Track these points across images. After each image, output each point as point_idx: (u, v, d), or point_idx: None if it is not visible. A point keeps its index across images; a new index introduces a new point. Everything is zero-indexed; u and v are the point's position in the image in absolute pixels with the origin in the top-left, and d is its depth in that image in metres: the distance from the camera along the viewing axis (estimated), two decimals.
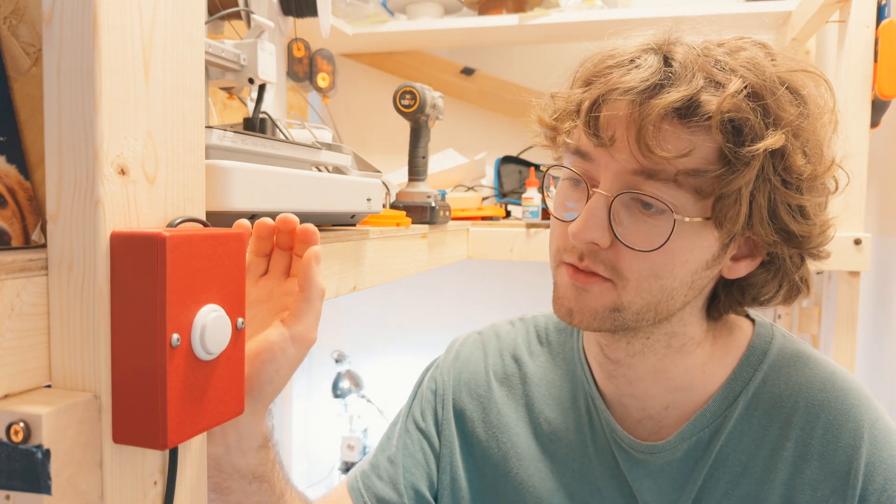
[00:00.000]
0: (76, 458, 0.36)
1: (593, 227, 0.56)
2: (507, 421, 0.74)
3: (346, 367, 2.17)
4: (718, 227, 0.56)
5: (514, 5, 1.84)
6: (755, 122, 0.53)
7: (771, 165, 0.54)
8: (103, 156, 0.36)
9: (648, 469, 0.66)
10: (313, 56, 1.74)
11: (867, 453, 0.61)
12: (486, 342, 0.80)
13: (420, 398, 0.79)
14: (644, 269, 0.57)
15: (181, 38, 0.42)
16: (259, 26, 0.70)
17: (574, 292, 0.59)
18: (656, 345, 0.64)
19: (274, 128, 0.76)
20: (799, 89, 0.56)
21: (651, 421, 0.68)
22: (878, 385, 1.73)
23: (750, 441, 0.64)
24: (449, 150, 1.84)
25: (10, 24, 0.43)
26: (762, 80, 0.54)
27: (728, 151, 0.53)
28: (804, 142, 0.55)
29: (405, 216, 1.06)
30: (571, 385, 0.73)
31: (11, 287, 0.35)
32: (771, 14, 1.67)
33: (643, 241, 0.56)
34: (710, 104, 0.52)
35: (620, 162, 0.56)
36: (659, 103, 0.52)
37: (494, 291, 2.09)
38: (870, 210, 1.70)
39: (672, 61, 0.55)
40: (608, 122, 0.56)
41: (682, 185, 0.54)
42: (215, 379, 0.42)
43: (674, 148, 0.53)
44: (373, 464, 0.76)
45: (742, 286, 0.64)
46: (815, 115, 0.56)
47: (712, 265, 0.59)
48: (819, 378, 0.64)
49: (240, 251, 0.43)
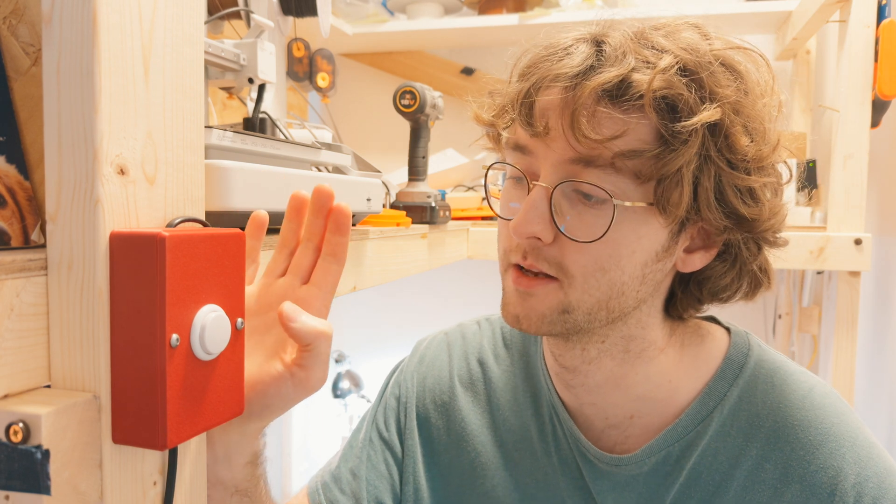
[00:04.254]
0: (76, 459, 0.36)
1: (534, 220, 0.54)
2: (471, 429, 0.72)
3: (346, 367, 2.17)
4: (663, 212, 0.53)
5: (514, 5, 1.84)
6: (689, 98, 0.51)
7: (713, 145, 0.52)
8: (103, 156, 0.36)
9: (613, 482, 0.64)
10: (313, 56, 1.74)
11: (853, 473, 0.58)
12: (452, 344, 0.78)
13: (384, 405, 0.77)
14: (589, 262, 0.54)
15: (181, 38, 0.42)
16: (259, 26, 0.70)
17: (519, 297, 0.58)
18: (613, 349, 0.61)
19: (274, 128, 0.76)
20: (735, 66, 0.54)
21: (615, 430, 0.65)
22: (878, 385, 1.73)
23: (725, 460, 0.61)
24: (449, 150, 1.83)
25: (10, 24, 0.43)
26: (696, 58, 0.52)
27: (664, 129, 0.51)
28: (746, 119, 0.53)
29: (405, 216, 1.06)
30: (534, 392, 0.70)
31: (11, 287, 0.35)
32: (771, 14, 1.67)
33: (586, 231, 0.54)
34: (641, 83, 0.51)
35: (557, 151, 0.54)
36: (589, 85, 0.51)
37: (494, 291, 2.08)
38: (870, 210, 1.70)
39: (604, 45, 0.54)
40: (542, 110, 0.55)
41: (620, 169, 0.52)
42: (215, 379, 0.42)
43: (608, 130, 0.52)
44: (335, 475, 0.73)
45: (699, 280, 0.61)
46: (755, 94, 0.54)
47: (663, 257, 0.57)
48: (797, 395, 0.62)
49: (239, 251, 0.43)
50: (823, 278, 1.76)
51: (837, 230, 1.34)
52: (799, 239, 1.32)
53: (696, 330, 0.66)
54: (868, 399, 1.75)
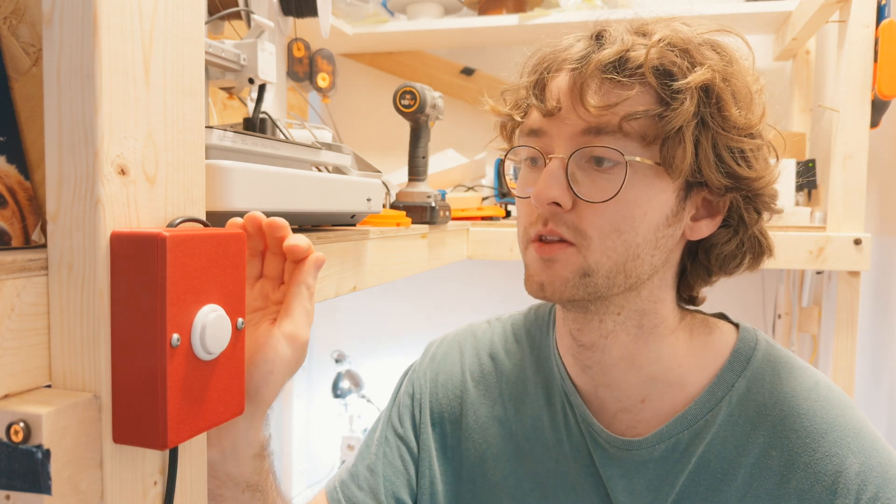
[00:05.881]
0: (76, 458, 0.36)
1: (553, 186, 0.59)
2: (482, 422, 0.74)
3: (346, 367, 2.17)
4: (669, 171, 0.58)
5: (514, 5, 1.84)
6: (682, 64, 0.58)
7: (707, 109, 0.58)
8: (103, 156, 0.36)
9: (623, 467, 0.66)
10: (313, 56, 1.74)
11: (858, 462, 0.60)
12: (463, 342, 0.81)
13: (398, 404, 0.79)
14: (605, 224, 0.59)
15: (181, 38, 0.42)
16: (259, 26, 0.70)
17: (542, 265, 0.61)
18: (627, 322, 0.64)
19: (274, 128, 0.76)
20: (719, 44, 0.61)
21: (627, 414, 0.67)
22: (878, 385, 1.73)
23: (732, 448, 0.64)
24: (449, 150, 1.84)
25: (10, 24, 0.43)
26: (684, 38, 0.59)
27: (662, 92, 0.58)
28: (734, 89, 0.59)
29: (405, 216, 1.06)
30: (546, 382, 0.73)
31: (11, 287, 0.35)
32: (771, 14, 1.68)
33: (601, 194, 0.59)
34: (639, 55, 0.58)
35: (569, 125, 0.60)
36: (593, 61, 0.59)
37: (494, 291, 2.09)
38: (870, 210, 1.70)
39: (603, 35, 0.61)
40: (553, 92, 0.61)
41: (628, 133, 0.58)
42: (215, 379, 0.42)
43: (614, 98, 0.58)
44: (352, 473, 0.75)
45: (707, 248, 0.66)
46: (739, 66, 0.61)
47: (673, 222, 0.61)
48: (803, 387, 0.64)
49: (240, 251, 0.43)
50: (823, 278, 1.76)
51: (837, 230, 1.34)
52: (799, 239, 1.32)
53: (705, 322, 0.69)
54: (868, 399, 1.75)
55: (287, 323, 0.50)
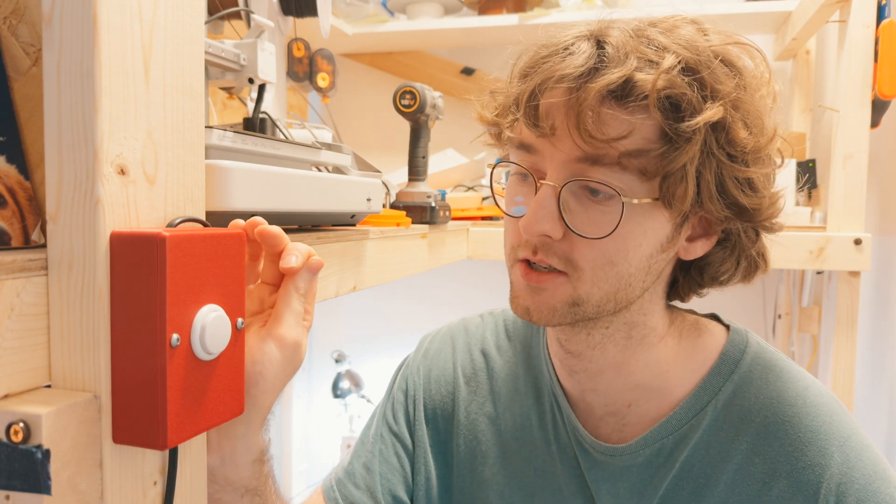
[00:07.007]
0: (76, 458, 0.36)
1: (544, 219, 0.55)
2: (473, 418, 0.74)
3: (346, 367, 2.17)
4: (668, 207, 0.55)
5: (514, 5, 1.84)
6: (692, 97, 0.52)
7: (714, 140, 0.53)
8: (103, 156, 0.36)
9: (607, 472, 0.65)
10: (313, 56, 1.74)
11: (839, 473, 0.58)
12: (455, 337, 0.80)
13: (392, 400, 0.78)
14: (598, 257, 0.56)
15: (181, 38, 0.42)
16: (259, 26, 0.70)
17: (529, 291, 0.59)
18: (616, 335, 0.62)
19: (274, 128, 0.76)
20: (734, 61, 0.56)
21: (613, 419, 0.66)
22: (878, 385, 1.73)
23: (716, 453, 0.62)
24: (449, 150, 1.83)
25: (10, 24, 0.43)
26: (696, 55, 0.53)
27: (668, 129, 0.52)
28: (744, 114, 0.55)
29: (405, 216, 1.06)
30: (536, 382, 0.72)
31: (11, 287, 0.35)
32: (771, 14, 1.67)
33: (594, 228, 0.55)
34: (645, 83, 0.52)
35: (564, 151, 0.55)
36: (594, 87, 0.52)
37: (494, 291, 2.08)
38: (870, 210, 1.70)
39: (605, 45, 0.54)
40: (547, 111, 0.55)
41: (626, 167, 0.53)
42: (215, 379, 0.42)
43: (614, 131, 0.53)
44: (348, 471, 0.75)
45: (700, 266, 0.63)
46: (752, 87, 0.56)
47: (667, 247, 0.58)
48: (791, 393, 0.62)
49: (240, 251, 0.43)
50: (823, 278, 1.76)
51: (837, 230, 1.34)
52: (799, 239, 1.32)
53: (695, 324, 0.68)
54: (868, 399, 1.75)
55: (274, 325, 0.49)
